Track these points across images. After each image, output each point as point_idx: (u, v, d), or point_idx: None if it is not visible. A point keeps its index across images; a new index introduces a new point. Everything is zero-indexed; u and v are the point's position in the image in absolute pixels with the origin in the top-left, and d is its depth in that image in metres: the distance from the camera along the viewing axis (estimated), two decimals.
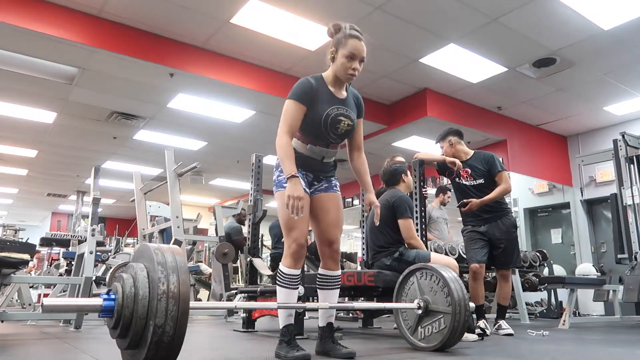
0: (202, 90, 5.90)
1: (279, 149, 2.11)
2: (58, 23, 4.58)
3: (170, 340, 1.46)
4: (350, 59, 2.13)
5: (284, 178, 2.16)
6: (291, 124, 2.14)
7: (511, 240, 3.49)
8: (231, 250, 5.29)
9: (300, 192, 2.02)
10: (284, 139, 2.11)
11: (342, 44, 2.15)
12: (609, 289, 4.95)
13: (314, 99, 2.16)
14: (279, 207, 2.19)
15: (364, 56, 2.17)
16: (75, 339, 3.00)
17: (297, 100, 2.15)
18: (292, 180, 2.03)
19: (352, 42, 2.14)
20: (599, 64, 5.69)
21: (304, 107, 2.15)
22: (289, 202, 2.00)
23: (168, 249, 1.62)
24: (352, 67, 2.14)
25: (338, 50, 2.16)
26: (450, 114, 6.56)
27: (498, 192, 3.50)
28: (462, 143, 3.73)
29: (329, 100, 2.19)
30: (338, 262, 2.29)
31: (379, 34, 5.02)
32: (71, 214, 13.03)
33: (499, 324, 3.49)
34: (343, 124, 2.21)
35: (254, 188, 3.92)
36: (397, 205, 3.25)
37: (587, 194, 7.79)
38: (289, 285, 2.15)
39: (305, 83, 2.17)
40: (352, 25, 2.19)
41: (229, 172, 10.01)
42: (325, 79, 2.23)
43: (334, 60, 2.18)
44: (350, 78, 2.17)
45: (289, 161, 2.07)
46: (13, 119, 6.79)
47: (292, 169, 2.05)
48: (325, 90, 2.21)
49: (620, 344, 3.00)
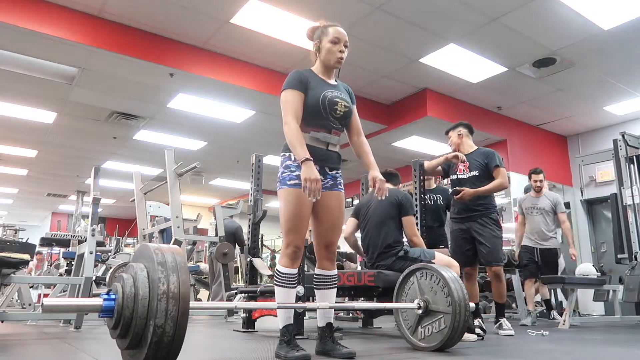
0: (202, 90, 5.90)
1: (288, 134, 2.11)
2: (58, 23, 4.58)
3: (170, 340, 1.46)
4: (335, 43, 2.25)
5: (288, 175, 2.16)
6: (295, 109, 2.16)
7: (491, 238, 3.47)
8: (231, 250, 5.29)
9: (317, 175, 2.02)
10: (292, 124, 2.13)
11: (324, 33, 2.28)
12: (609, 289, 4.95)
13: (307, 86, 2.22)
14: (281, 205, 2.18)
15: (347, 40, 2.30)
16: (75, 339, 3.00)
17: (293, 88, 2.20)
18: (306, 163, 2.03)
19: (332, 29, 2.28)
20: (599, 64, 5.69)
21: (301, 93, 2.19)
22: (306, 185, 2.00)
23: (168, 249, 1.62)
24: (339, 50, 2.26)
25: (321, 40, 2.28)
26: (450, 114, 6.56)
27: (493, 186, 3.51)
28: (469, 137, 3.78)
29: (321, 85, 2.26)
30: (334, 261, 2.31)
31: (379, 34, 5.02)
32: (71, 214, 13.03)
33: (499, 322, 3.53)
34: (340, 105, 2.26)
35: (254, 188, 3.92)
36: (404, 202, 3.31)
37: (587, 194, 7.79)
38: (286, 285, 2.15)
39: (295, 72, 2.25)
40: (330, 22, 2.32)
41: (229, 172, 10.00)
42: (314, 70, 2.31)
43: (320, 50, 2.28)
44: (339, 61, 2.27)
45: (301, 146, 2.08)
46: (13, 119, 6.79)
47: (304, 153, 2.06)
48: (317, 78, 2.28)
49: (620, 344, 3.00)
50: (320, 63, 2.31)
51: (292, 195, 2.14)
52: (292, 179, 2.15)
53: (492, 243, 3.46)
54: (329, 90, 2.25)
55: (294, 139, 2.09)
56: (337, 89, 2.30)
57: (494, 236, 3.48)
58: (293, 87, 2.20)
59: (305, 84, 2.21)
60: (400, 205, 3.30)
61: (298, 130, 2.12)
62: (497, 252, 3.47)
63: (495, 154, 3.62)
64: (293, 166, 2.17)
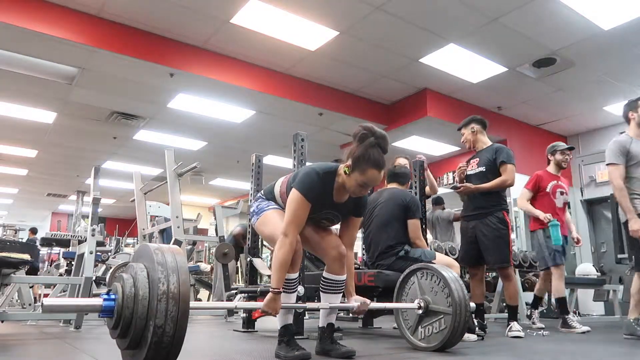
0: (202, 90, 5.90)
1: (279, 253, 1.99)
2: (58, 23, 4.58)
3: (170, 340, 1.46)
4: (363, 188, 2.06)
5: (266, 204, 2.24)
6: (300, 224, 2.06)
7: (496, 239, 3.33)
8: (232, 250, 5.29)
9: (278, 308, 1.98)
10: (290, 240, 2.00)
11: (361, 171, 2.00)
12: (609, 289, 4.95)
13: (316, 201, 2.10)
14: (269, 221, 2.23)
15: (378, 183, 2.13)
16: (75, 338, 2.99)
17: (307, 199, 2.06)
18: (275, 295, 1.96)
19: (372, 173, 2.00)
20: (599, 64, 5.69)
21: (310, 204, 2.08)
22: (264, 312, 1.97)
23: (168, 249, 1.62)
24: (361, 192, 2.08)
25: (355, 172, 2.02)
26: (450, 114, 6.56)
27: (495, 183, 3.37)
28: (484, 133, 3.62)
29: (326, 203, 2.15)
30: (344, 264, 2.23)
31: (379, 34, 5.02)
32: (71, 214, 13.03)
33: (510, 325, 3.34)
34: (322, 224, 2.28)
35: (254, 188, 3.91)
36: (411, 205, 3.27)
37: (587, 194, 7.79)
38: (286, 290, 2.14)
39: (317, 184, 2.08)
40: (381, 136, 2.03)
41: (229, 172, 10.01)
42: (336, 179, 2.13)
43: (348, 174, 2.05)
44: (358, 196, 2.14)
45: (281, 275, 2.00)
46: (13, 119, 6.79)
47: (279, 285, 1.98)
48: (328, 193, 2.13)
49: (620, 344, 3.00)
50: (342, 183, 2.10)
51: (276, 212, 2.21)
52: (269, 206, 2.26)
53: (495, 245, 3.31)
54: (325, 212, 2.18)
55: (279, 264, 1.98)
56: (337, 209, 2.19)
57: (498, 237, 3.33)
58: (307, 197, 2.05)
59: (316, 198, 2.09)
60: (407, 208, 3.26)
61: (291, 253, 2.01)
62: (501, 253, 3.32)
63: (504, 150, 3.46)
64: (265, 201, 2.30)
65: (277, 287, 1.97)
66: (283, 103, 6.19)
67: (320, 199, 2.10)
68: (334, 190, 2.14)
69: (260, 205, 2.31)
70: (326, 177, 2.11)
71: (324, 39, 5.07)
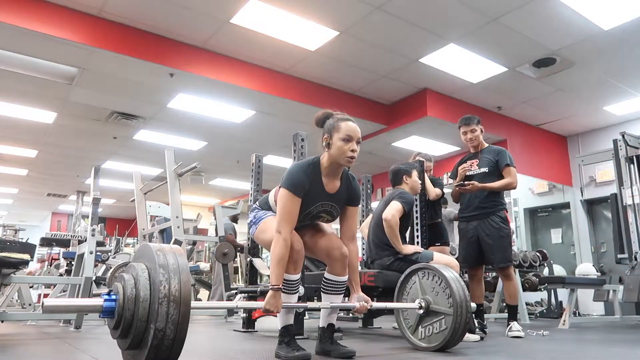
0: (202, 90, 5.90)
1: (275, 250, 2.00)
2: (58, 23, 4.57)
3: (170, 343, 1.46)
4: (347, 141, 2.08)
5: (263, 213, 2.25)
6: (292, 219, 2.07)
7: (498, 238, 3.38)
8: (231, 250, 5.29)
9: (279, 306, 1.98)
10: (284, 237, 2.02)
11: (336, 128, 2.11)
12: (609, 289, 4.95)
13: (306, 193, 2.11)
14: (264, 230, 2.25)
15: (360, 137, 2.13)
16: (75, 339, 3.00)
17: (294, 194, 2.08)
18: (275, 292, 1.97)
19: (345, 124, 2.10)
20: (599, 64, 5.69)
21: (299, 199, 2.09)
22: (266, 310, 1.96)
23: (170, 249, 1.61)
24: (350, 149, 2.09)
25: (332, 135, 2.10)
26: (450, 114, 6.55)
27: (502, 184, 3.44)
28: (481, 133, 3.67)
29: (318, 194, 2.15)
30: (346, 265, 2.22)
31: (379, 34, 5.02)
32: (71, 214, 13.02)
33: (509, 326, 3.36)
34: (323, 219, 2.26)
35: (254, 188, 3.92)
36: (391, 199, 3.25)
37: (587, 194, 7.79)
38: (288, 291, 2.14)
39: (301, 177, 2.10)
40: (340, 112, 2.20)
41: (229, 172, 10.00)
42: (321, 167, 2.17)
43: (330, 146, 2.11)
44: (350, 161, 2.11)
45: (279, 271, 1.99)
46: (13, 119, 6.78)
47: (278, 281, 1.98)
48: (318, 184, 2.15)
49: (620, 344, 3.00)
50: (328, 159, 2.14)
51: (274, 219, 2.20)
52: (267, 214, 2.28)
53: (499, 244, 3.36)
54: (320, 204, 2.17)
55: (276, 260, 1.98)
56: (332, 199, 2.20)
57: (502, 236, 3.38)
58: (294, 192, 2.07)
59: (305, 190, 2.10)
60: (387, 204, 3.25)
61: (287, 248, 2.01)
62: (505, 252, 3.38)
63: (507, 153, 3.54)
64: (261, 211, 2.32)
65: (277, 283, 1.98)
66: (283, 103, 6.18)
67: (312, 190, 2.12)
68: (322, 178, 2.16)
69: (257, 215, 2.33)
70: (309, 169, 2.13)
71: (324, 39, 5.07)
